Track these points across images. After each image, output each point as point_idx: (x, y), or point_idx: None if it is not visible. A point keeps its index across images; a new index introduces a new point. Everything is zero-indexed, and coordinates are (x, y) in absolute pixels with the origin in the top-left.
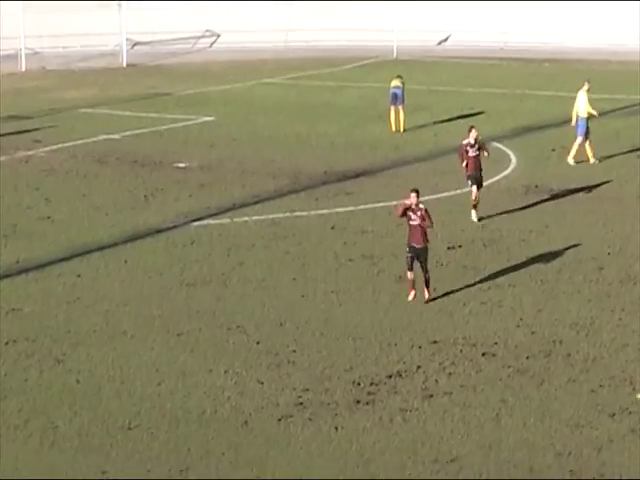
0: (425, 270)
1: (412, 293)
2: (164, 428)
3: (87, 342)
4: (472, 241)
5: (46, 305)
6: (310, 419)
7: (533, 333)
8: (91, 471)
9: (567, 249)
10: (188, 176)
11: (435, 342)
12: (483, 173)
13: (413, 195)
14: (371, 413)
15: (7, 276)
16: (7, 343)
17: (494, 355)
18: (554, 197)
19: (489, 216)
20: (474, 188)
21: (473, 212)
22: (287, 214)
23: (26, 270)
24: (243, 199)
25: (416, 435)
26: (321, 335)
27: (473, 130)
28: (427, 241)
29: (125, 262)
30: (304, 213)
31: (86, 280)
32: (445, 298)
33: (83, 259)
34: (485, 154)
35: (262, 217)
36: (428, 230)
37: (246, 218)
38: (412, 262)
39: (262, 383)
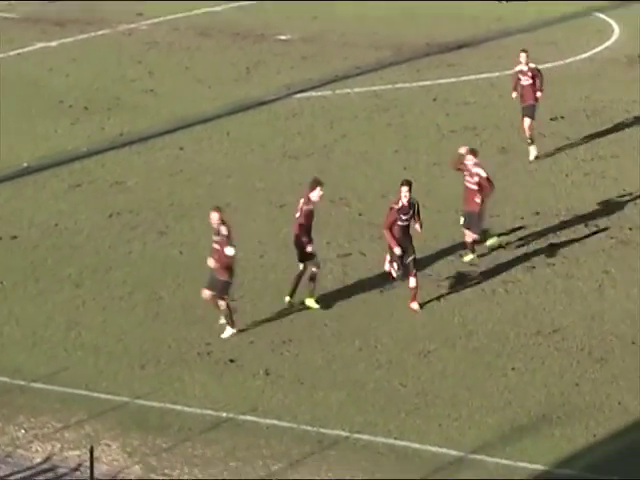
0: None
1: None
2: (267, 300)
3: (190, 214)
4: (575, 112)
5: (149, 178)
6: None
7: (637, 204)
8: (195, 343)
9: None
10: (290, 48)
11: (537, 213)
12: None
13: (405, 189)
14: (474, 284)
15: (111, 149)
16: (111, 216)
17: (597, 226)
18: None
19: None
20: (525, 121)
21: (531, 149)
22: (389, 86)
23: (130, 143)
24: (345, 71)
25: (518, 306)
26: (423, 207)
27: (522, 54)
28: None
29: (228, 134)
30: (406, 85)
31: (189, 153)
32: (548, 169)
33: (186, 132)
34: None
35: (364, 89)
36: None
37: (348, 90)
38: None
39: (364, 255)
